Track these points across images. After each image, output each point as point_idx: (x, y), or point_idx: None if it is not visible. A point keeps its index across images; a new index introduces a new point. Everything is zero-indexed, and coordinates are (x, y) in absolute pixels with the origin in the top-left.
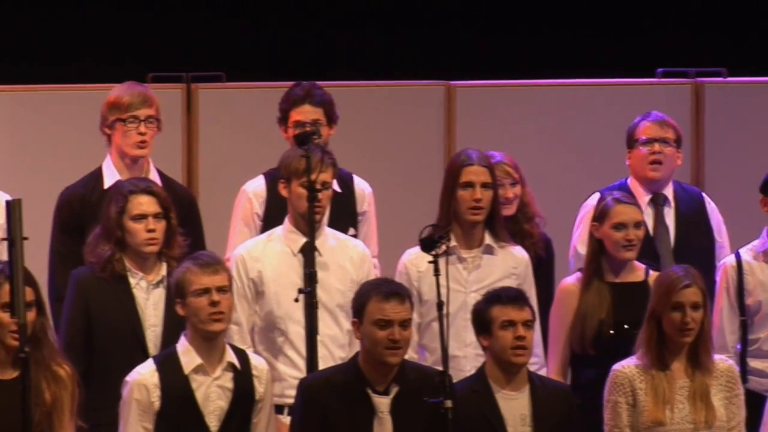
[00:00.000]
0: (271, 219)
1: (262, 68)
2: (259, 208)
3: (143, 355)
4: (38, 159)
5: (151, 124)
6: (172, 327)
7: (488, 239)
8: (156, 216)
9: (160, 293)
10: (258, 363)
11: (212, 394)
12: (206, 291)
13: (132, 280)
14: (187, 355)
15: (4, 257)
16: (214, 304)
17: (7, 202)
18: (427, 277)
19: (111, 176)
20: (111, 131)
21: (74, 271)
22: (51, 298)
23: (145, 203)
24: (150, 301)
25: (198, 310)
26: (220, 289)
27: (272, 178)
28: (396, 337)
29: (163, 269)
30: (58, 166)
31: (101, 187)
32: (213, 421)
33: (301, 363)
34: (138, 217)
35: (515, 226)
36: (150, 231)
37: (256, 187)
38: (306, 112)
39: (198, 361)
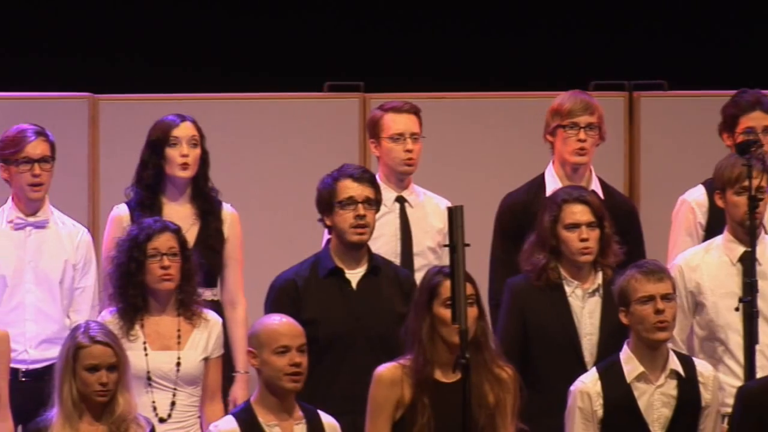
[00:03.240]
0: (713, 228)
1: (705, 76)
2: (702, 217)
3: (579, 364)
4: (481, 166)
5: (592, 132)
6: (609, 336)
7: None
8: (589, 225)
9: (596, 302)
10: (704, 369)
11: (656, 402)
12: (651, 299)
13: (567, 289)
14: (630, 363)
15: (447, 262)
16: (658, 312)
17: (449, 209)
18: None
19: (553, 184)
20: (553, 138)
21: (509, 279)
22: (490, 304)
23: (578, 212)
24: (586, 309)
25: (642, 318)
26: (665, 297)
27: (712, 188)
28: None
29: (599, 278)
30: (500, 173)
31: (543, 195)
32: (657, 429)
33: (741, 372)
34: (571, 226)
35: None
36: (583, 240)
37: (697, 197)
38: (757, 119)
39: (640, 369)
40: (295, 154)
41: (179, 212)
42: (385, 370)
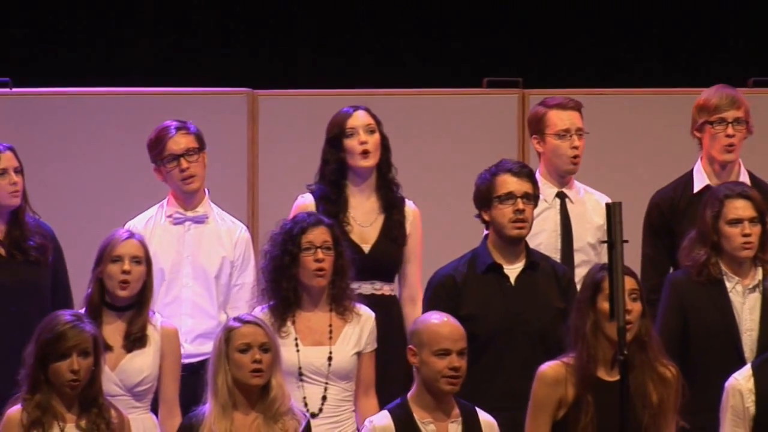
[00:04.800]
0: None
1: None
2: None
3: (738, 360)
4: (640, 162)
5: (740, 126)
6: None
7: None
8: (751, 220)
9: (756, 297)
10: None
11: None
12: None
13: (728, 284)
14: None
15: (605, 259)
16: None
17: (607, 205)
18: None
19: (700, 180)
20: (700, 134)
21: (670, 275)
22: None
23: (740, 208)
24: (746, 305)
25: None
26: None
27: None
28: None
29: (759, 273)
30: (658, 169)
31: (690, 192)
32: None
33: None
34: (733, 221)
35: None
36: (745, 235)
37: None
38: None
39: None
40: (453, 149)
41: (365, 205)
42: (549, 368)
